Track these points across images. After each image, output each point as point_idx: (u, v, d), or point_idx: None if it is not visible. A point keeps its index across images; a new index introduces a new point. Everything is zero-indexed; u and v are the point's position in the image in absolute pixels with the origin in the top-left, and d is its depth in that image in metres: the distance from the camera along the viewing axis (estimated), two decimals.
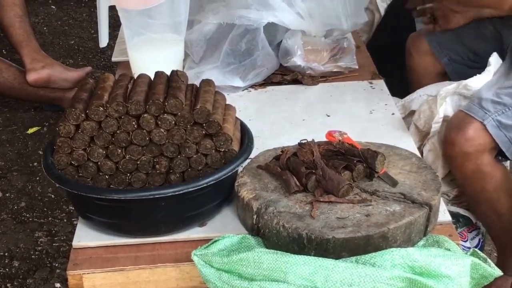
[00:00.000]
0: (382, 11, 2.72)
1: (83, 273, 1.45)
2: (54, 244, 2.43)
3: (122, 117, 1.46)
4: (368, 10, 2.58)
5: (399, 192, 1.47)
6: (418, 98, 2.03)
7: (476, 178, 1.76)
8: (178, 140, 1.47)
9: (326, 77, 2.13)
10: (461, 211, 2.10)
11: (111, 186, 1.49)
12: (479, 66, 1.95)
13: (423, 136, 1.95)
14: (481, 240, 2.13)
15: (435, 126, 1.88)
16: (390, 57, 2.36)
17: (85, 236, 1.51)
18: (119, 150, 1.47)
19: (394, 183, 1.49)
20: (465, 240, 2.09)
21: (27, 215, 2.58)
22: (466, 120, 1.75)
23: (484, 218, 1.84)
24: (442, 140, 1.82)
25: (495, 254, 2.09)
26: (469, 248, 2.08)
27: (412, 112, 2.05)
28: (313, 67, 2.11)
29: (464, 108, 1.79)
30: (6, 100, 3.25)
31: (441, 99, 1.87)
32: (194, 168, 1.49)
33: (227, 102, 1.64)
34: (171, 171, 1.50)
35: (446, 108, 1.88)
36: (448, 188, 2.04)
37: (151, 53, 1.99)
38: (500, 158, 1.86)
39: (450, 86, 1.89)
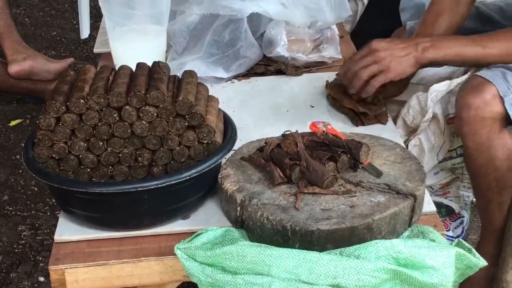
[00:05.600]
0: (366, 1, 2.71)
1: (65, 268, 1.43)
2: (37, 238, 2.41)
3: (104, 109, 1.44)
4: (352, 0, 2.57)
5: (384, 183, 1.46)
6: None
7: (488, 145, 1.72)
8: (160, 132, 1.46)
9: (310, 67, 2.12)
10: (445, 201, 2.10)
11: (93, 179, 1.47)
12: None
13: (410, 132, 1.93)
14: (465, 229, 2.14)
15: (424, 125, 1.86)
16: None
17: (67, 230, 1.50)
18: (101, 143, 1.46)
19: (378, 173, 1.48)
20: (447, 229, 2.09)
21: (10, 208, 2.56)
22: (485, 84, 1.72)
23: (486, 191, 1.80)
24: (455, 104, 1.77)
25: None
26: (452, 237, 2.08)
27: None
28: (297, 57, 2.10)
29: (483, 74, 1.75)
30: None
31: (432, 98, 1.85)
32: (177, 160, 1.48)
33: (210, 93, 1.62)
34: (154, 163, 1.48)
35: (435, 106, 1.87)
36: (432, 181, 2.04)
37: (133, 44, 1.97)
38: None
39: (441, 84, 1.87)
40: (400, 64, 1.72)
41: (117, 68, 1.59)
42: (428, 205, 1.52)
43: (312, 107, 1.91)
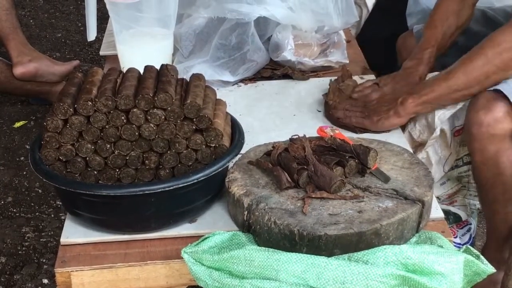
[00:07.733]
0: (370, 6, 2.71)
1: (71, 271, 1.43)
2: (41, 240, 2.40)
3: (111, 111, 1.43)
4: (356, 5, 2.57)
5: (392, 188, 1.45)
6: None
7: (496, 161, 1.72)
8: (168, 135, 1.45)
9: (316, 71, 2.12)
10: (452, 209, 2.09)
11: (100, 181, 1.47)
12: None
13: (416, 146, 1.91)
14: (472, 236, 2.13)
15: (431, 142, 1.85)
16: (377, 52, 2.35)
17: (73, 233, 1.49)
18: (108, 145, 1.45)
19: (386, 179, 1.48)
20: (455, 236, 2.08)
21: (14, 210, 2.55)
22: (496, 100, 1.71)
23: (492, 203, 1.80)
24: (465, 120, 1.75)
25: None
26: (460, 244, 2.07)
27: None
28: (304, 61, 2.09)
29: (496, 87, 1.72)
30: None
31: (439, 117, 1.82)
32: (184, 163, 1.48)
33: (217, 97, 1.62)
34: (161, 166, 1.48)
35: (443, 122, 1.84)
36: (439, 192, 2.03)
37: (140, 47, 1.96)
38: None
39: None
40: (378, 123, 1.78)
41: (124, 70, 1.59)
42: (436, 211, 1.51)
43: (319, 111, 1.91)
